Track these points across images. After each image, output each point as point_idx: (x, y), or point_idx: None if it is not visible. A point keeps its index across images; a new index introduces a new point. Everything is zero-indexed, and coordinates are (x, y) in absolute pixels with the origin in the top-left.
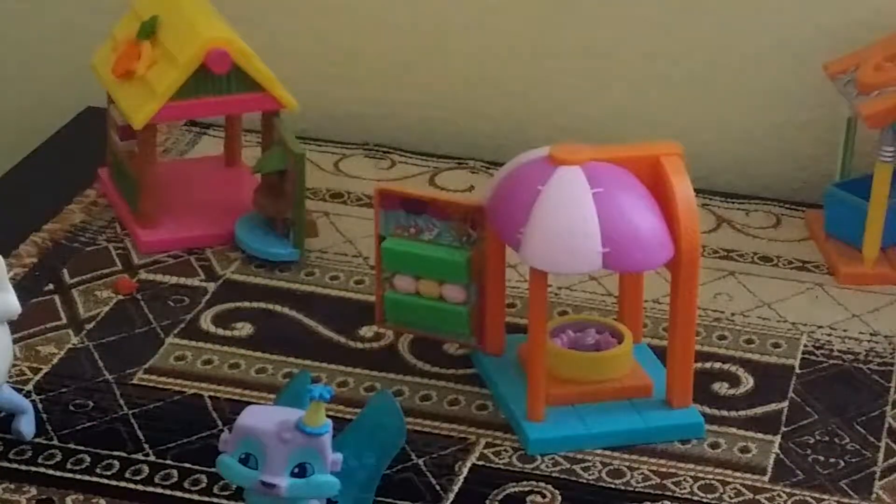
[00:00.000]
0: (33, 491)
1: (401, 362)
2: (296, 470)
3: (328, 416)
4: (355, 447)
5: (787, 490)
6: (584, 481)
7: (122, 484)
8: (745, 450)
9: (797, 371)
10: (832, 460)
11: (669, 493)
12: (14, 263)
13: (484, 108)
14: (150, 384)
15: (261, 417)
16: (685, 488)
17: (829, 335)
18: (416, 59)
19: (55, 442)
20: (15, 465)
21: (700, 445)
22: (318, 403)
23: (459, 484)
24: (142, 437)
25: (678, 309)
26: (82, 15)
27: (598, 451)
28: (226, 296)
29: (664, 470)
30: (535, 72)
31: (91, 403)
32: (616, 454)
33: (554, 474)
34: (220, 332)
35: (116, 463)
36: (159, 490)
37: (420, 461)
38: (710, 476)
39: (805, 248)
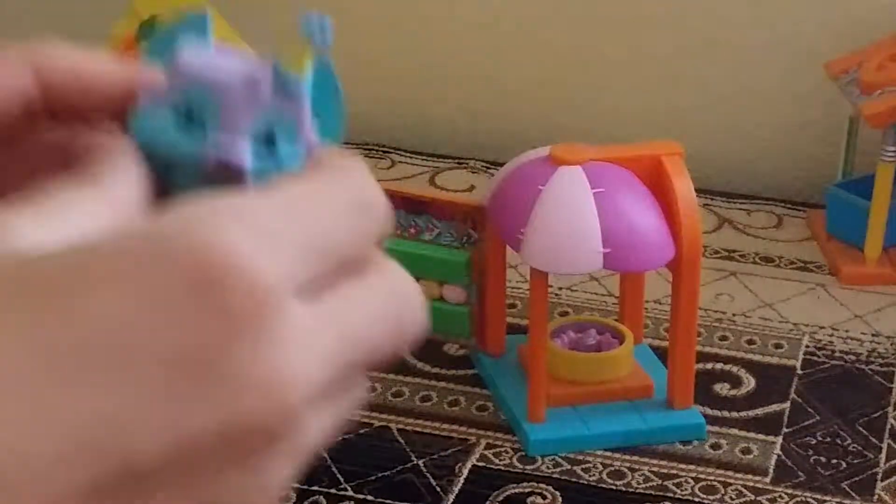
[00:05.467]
0: None
1: (401, 362)
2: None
3: None
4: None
5: (789, 491)
6: (585, 482)
7: None
8: (746, 451)
9: (799, 372)
10: (834, 461)
11: (670, 495)
12: None
13: (484, 108)
14: None
15: (210, 57)
16: (686, 489)
17: (831, 336)
18: (416, 59)
19: None
20: None
21: (701, 446)
22: (308, 43)
23: (460, 485)
24: None
25: (679, 309)
26: (82, 15)
27: (599, 452)
28: None
29: (665, 471)
30: (535, 72)
31: None
32: (617, 455)
33: (554, 475)
34: None
35: None
36: None
37: (420, 462)
38: (712, 477)
39: (807, 249)
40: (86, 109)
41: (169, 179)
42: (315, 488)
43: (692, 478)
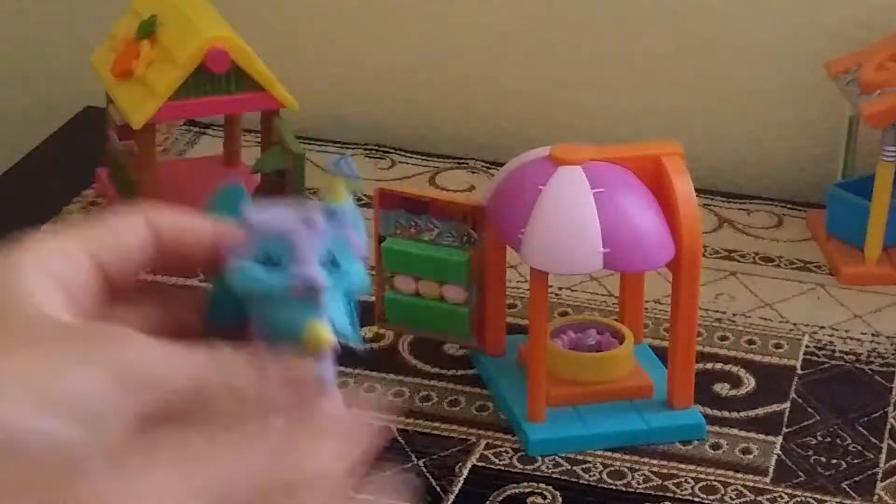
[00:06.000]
0: None
1: (401, 363)
2: (327, 262)
3: None
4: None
5: (789, 491)
6: (585, 482)
7: None
8: (746, 451)
9: (799, 372)
10: (834, 461)
11: (670, 495)
12: None
13: (484, 108)
14: None
15: (272, 211)
16: (686, 489)
17: (831, 336)
18: (417, 59)
19: None
20: None
21: (701, 446)
22: (340, 179)
23: (460, 485)
24: None
25: (679, 309)
26: (82, 15)
27: (599, 452)
28: None
29: (665, 471)
30: (535, 72)
31: None
32: (617, 455)
33: (554, 475)
34: None
35: None
36: None
37: (420, 462)
38: (712, 477)
39: (807, 249)
40: (186, 257)
41: (263, 311)
42: None
43: (692, 478)
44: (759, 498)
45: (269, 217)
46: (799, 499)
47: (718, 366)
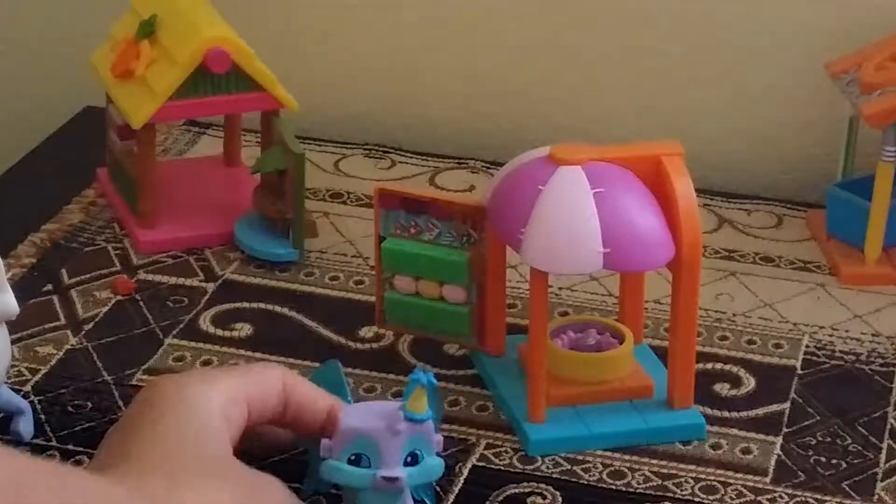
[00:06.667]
0: None
1: (401, 363)
2: (408, 459)
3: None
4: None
5: (789, 491)
6: (585, 482)
7: None
8: (746, 451)
9: (799, 372)
10: (834, 461)
11: (670, 495)
12: (12, 264)
13: (484, 108)
14: None
15: (362, 416)
16: (686, 489)
17: (831, 336)
18: (417, 59)
19: (54, 443)
20: None
21: (701, 446)
22: (422, 390)
23: (460, 485)
24: None
25: (679, 309)
26: (82, 15)
27: (599, 452)
28: (225, 296)
29: (665, 471)
30: (535, 72)
31: (90, 404)
32: (617, 455)
33: (554, 475)
34: (220, 332)
35: None
36: None
37: None
38: (712, 477)
39: (807, 249)
40: (300, 420)
41: (351, 495)
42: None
43: (692, 478)
44: (759, 498)
45: (358, 422)
46: (799, 499)
47: (718, 366)
